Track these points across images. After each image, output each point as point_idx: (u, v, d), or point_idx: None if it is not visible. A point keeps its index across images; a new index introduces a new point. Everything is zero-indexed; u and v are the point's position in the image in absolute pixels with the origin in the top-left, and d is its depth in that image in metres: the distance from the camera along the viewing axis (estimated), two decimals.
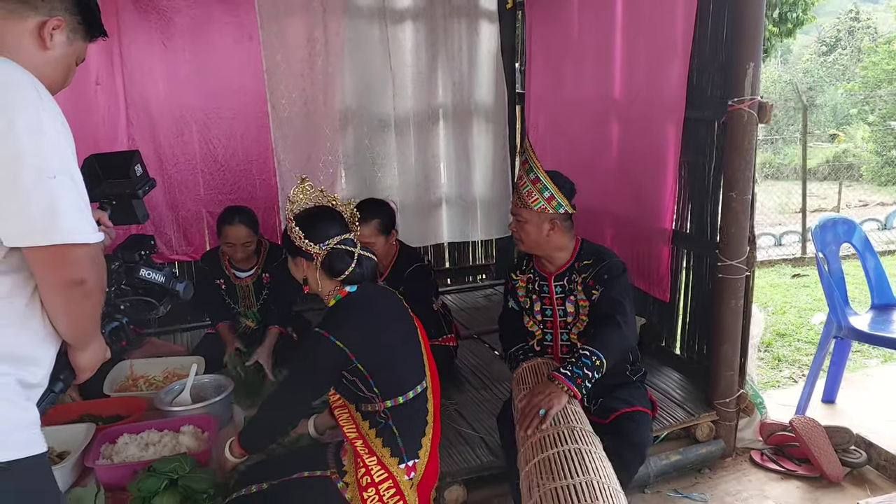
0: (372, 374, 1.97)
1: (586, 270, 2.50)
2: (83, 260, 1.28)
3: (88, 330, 1.42)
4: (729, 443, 2.92)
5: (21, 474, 1.28)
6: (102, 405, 2.81)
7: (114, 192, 1.76)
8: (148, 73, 3.75)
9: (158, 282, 1.71)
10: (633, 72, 3.40)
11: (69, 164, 1.27)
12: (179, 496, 2.20)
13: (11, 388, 1.28)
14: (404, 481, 2.00)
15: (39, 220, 1.21)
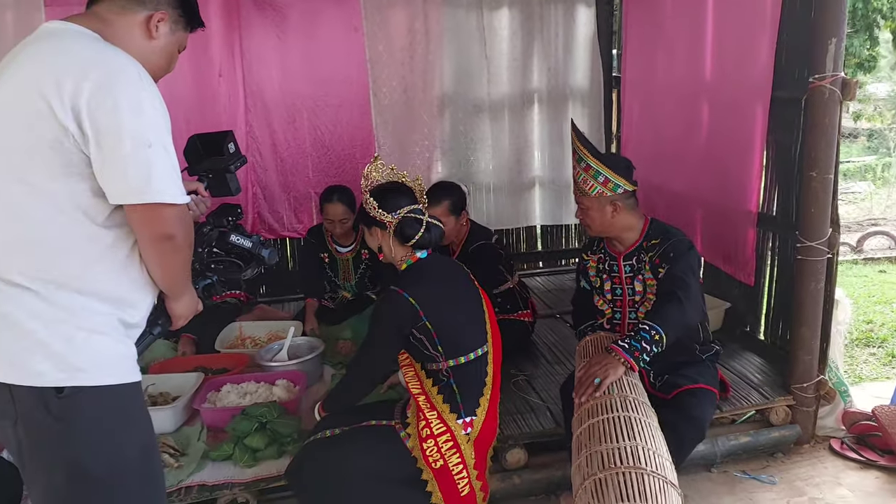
0: (438, 332, 2.15)
1: (653, 249, 2.53)
2: (172, 218, 1.48)
3: (179, 281, 1.65)
4: (806, 429, 2.86)
5: (119, 397, 1.54)
6: (213, 359, 3.20)
7: (211, 166, 2.00)
8: (264, 64, 4.12)
9: (246, 247, 1.95)
10: (722, 53, 3.35)
11: (163, 136, 1.47)
12: (267, 438, 2.51)
13: (113, 325, 1.53)
14: (461, 436, 2.17)
15: (136, 182, 1.42)
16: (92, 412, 1.50)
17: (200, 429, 2.65)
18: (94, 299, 1.49)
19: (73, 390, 1.46)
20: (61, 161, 1.41)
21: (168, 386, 2.88)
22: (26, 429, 1.48)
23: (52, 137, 1.39)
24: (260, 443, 2.48)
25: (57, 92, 1.38)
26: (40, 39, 1.50)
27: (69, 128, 1.39)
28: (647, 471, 1.94)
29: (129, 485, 1.56)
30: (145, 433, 1.64)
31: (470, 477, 2.15)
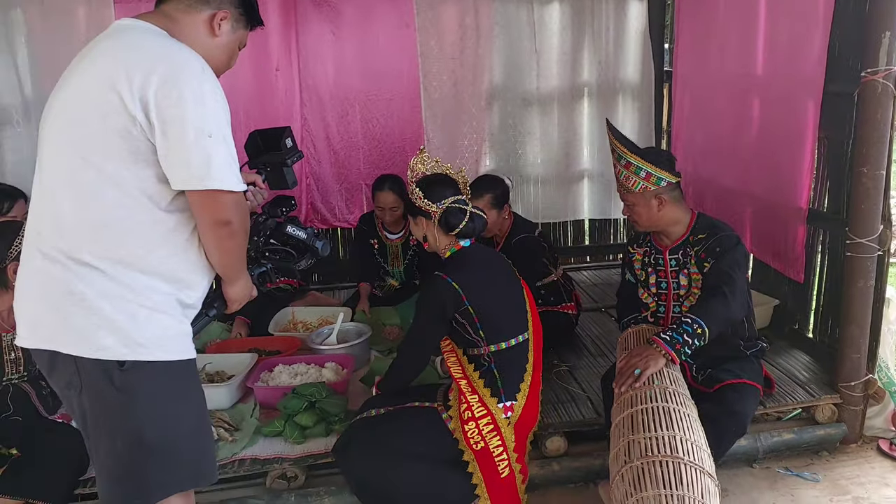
0: (480, 317, 2.24)
1: (700, 244, 2.53)
2: (230, 204, 1.58)
3: (235, 266, 1.75)
4: (853, 428, 2.82)
5: (176, 372, 1.66)
6: (266, 341, 3.34)
7: (269, 160, 2.09)
8: (319, 59, 4.25)
9: (301, 237, 2.05)
10: (774, 47, 3.31)
11: (223, 127, 1.56)
12: (316, 416, 2.62)
13: (172, 304, 1.64)
14: (502, 419, 2.24)
15: (197, 169, 1.52)
16: (151, 385, 1.61)
17: (253, 406, 2.79)
18: (156, 279, 1.60)
19: (134, 364, 1.58)
20: (130, 149, 1.52)
21: (224, 365, 3.03)
22: (90, 398, 1.60)
23: (122, 127, 1.50)
24: (309, 421, 2.59)
25: (127, 84, 1.48)
26: (113, 35, 1.62)
27: (138, 118, 1.49)
28: (684, 460, 1.97)
29: (184, 453, 1.68)
30: (199, 407, 1.75)
31: (510, 459, 2.22)
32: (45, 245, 1.58)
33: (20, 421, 2.41)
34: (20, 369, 2.46)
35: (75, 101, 1.56)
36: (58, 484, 2.30)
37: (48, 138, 1.61)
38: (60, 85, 1.62)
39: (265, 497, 2.43)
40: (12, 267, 2.33)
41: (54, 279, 1.56)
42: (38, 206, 1.62)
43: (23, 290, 1.64)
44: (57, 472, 2.31)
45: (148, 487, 1.64)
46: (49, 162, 1.60)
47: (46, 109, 1.64)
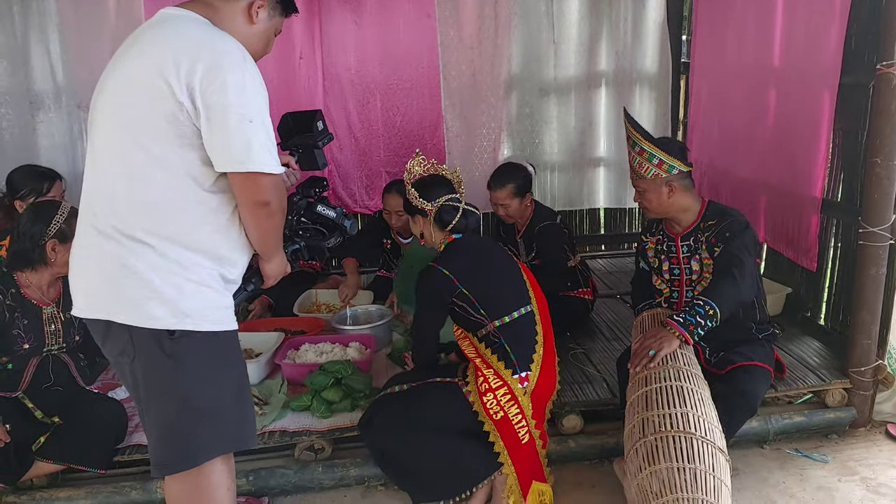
0: (477, 297, 2.40)
1: (710, 230, 2.60)
2: (268, 186, 1.66)
3: (272, 244, 1.84)
4: (863, 412, 2.89)
5: (220, 342, 1.76)
6: (292, 322, 3.45)
7: (301, 142, 2.18)
8: (341, 48, 4.32)
9: (330, 217, 2.15)
10: (791, 39, 3.36)
11: (263, 113, 1.65)
12: (342, 392, 2.73)
13: (215, 278, 1.75)
14: (518, 389, 2.35)
15: (238, 153, 1.60)
16: (197, 353, 1.72)
17: (281, 382, 2.90)
18: (200, 255, 1.70)
19: (182, 334, 1.68)
20: (176, 132, 1.60)
21: (252, 343, 3.14)
22: (142, 365, 1.71)
23: (170, 112, 1.59)
24: (335, 396, 2.70)
25: (175, 72, 1.57)
26: (160, 24, 1.71)
27: (184, 103, 1.58)
28: (696, 436, 2.06)
29: (227, 417, 1.79)
30: (241, 375, 1.86)
31: (529, 426, 2.33)
32: (99, 222, 1.67)
33: (61, 391, 2.53)
34: (59, 341, 2.57)
35: (125, 86, 1.65)
36: (98, 451, 2.42)
37: (99, 121, 1.70)
38: (110, 70, 1.71)
39: (294, 467, 2.54)
40: (51, 244, 2.44)
41: (108, 254, 1.66)
42: (92, 185, 1.71)
43: (78, 265, 1.74)
44: (97, 439, 2.43)
45: (194, 448, 1.74)
46: (101, 144, 1.69)
47: (96, 93, 1.73)
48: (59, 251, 2.44)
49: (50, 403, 2.46)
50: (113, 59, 1.74)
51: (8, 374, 2.47)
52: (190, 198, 1.67)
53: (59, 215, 2.46)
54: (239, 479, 2.47)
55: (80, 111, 4.05)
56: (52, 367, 2.54)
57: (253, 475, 2.49)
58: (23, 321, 2.46)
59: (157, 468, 1.80)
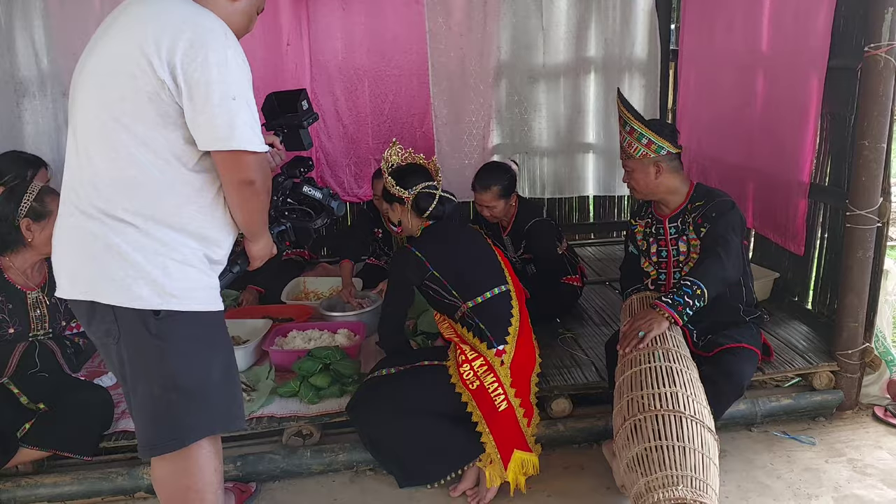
0: (448, 279, 2.45)
1: (697, 210, 2.61)
2: (252, 165, 1.65)
3: (257, 224, 1.83)
4: (850, 395, 2.91)
5: (206, 322, 1.76)
6: (279, 309, 3.43)
7: (285, 122, 2.15)
8: (329, 35, 4.29)
9: (317, 198, 2.12)
10: (779, 23, 3.36)
11: (246, 91, 1.63)
12: (330, 377, 2.72)
13: (200, 259, 1.74)
14: (495, 360, 2.37)
15: (222, 130, 1.59)
16: (183, 333, 1.71)
17: (269, 368, 2.88)
18: (185, 235, 1.69)
19: (168, 314, 1.68)
20: (158, 111, 1.59)
21: (240, 330, 3.13)
22: (128, 345, 1.70)
23: (151, 90, 1.57)
24: (323, 382, 2.69)
25: (156, 49, 1.55)
26: (141, 2, 1.68)
27: (166, 81, 1.56)
28: (685, 414, 2.07)
29: (214, 397, 1.78)
30: (227, 356, 1.86)
31: (507, 395, 2.34)
32: (82, 203, 1.66)
33: (46, 377, 2.50)
34: (45, 326, 2.55)
35: (106, 64, 1.63)
36: (84, 437, 2.41)
37: (80, 101, 1.68)
38: (91, 48, 1.69)
39: (282, 453, 2.53)
40: (25, 223, 2.41)
41: (92, 234, 1.65)
42: (74, 166, 1.69)
43: (62, 246, 1.72)
44: (83, 426, 2.41)
45: (182, 429, 1.74)
46: (83, 124, 1.67)
47: (77, 73, 1.71)
48: (35, 230, 2.43)
49: (36, 390, 2.43)
50: (93, 38, 1.72)
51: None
52: (174, 177, 1.66)
53: (29, 194, 2.44)
54: (227, 465, 2.46)
55: (64, 99, 4.00)
56: (38, 353, 2.52)
57: (241, 461, 2.48)
58: (7, 305, 2.44)
59: (143, 449, 1.79)
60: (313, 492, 2.48)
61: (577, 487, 2.48)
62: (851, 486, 2.46)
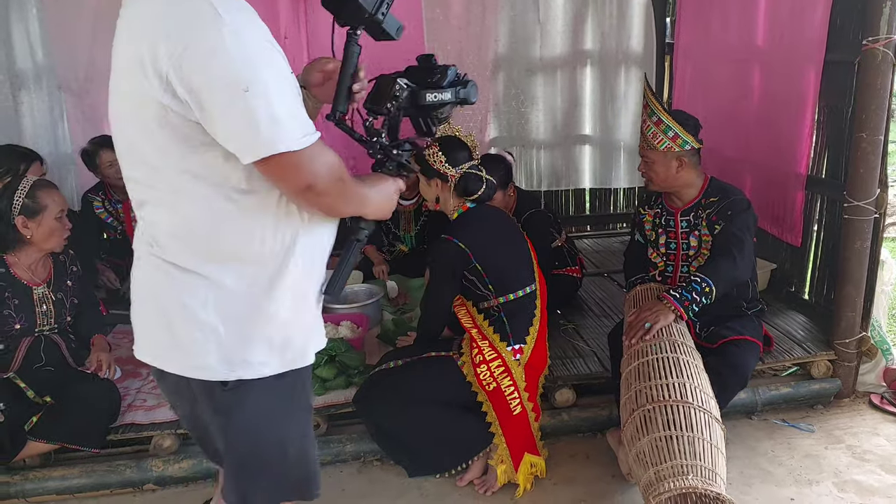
0: (487, 273, 2.37)
1: (711, 206, 2.62)
2: (299, 166, 1.25)
3: (352, 209, 1.44)
4: (847, 383, 2.96)
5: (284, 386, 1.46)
6: None
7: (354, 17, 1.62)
8: (327, 28, 4.24)
9: (445, 101, 1.64)
10: (776, 17, 3.40)
11: (260, 72, 1.22)
12: (336, 369, 2.73)
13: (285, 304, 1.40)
14: (512, 361, 2.36)
15: (245, 137, 1.23)
16: (254, 407, 1.44)
17: None
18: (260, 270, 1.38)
19: (238, 384, 1.40)
20: (177, 137, 1.28)
21: None
22: (196, 412, 1.52)
23: (156, 115, 1.26)
24: (329, 373, 2.70)
25: (141, 68, 1.23)
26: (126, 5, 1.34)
27: (162, 100, 1.23)
28: (693, 405, 2.09)
29: (286, 476, 1.56)
30: (306, 423, 1.60)
31: (521, 398, 2.35)
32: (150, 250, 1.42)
33: (52, 371, 2.50)
34: (51, 321, 2.54)
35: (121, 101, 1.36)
36: (92, 430, 2.41)
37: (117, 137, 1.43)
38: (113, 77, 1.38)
39: None
40: (20, 221, 2.40)
41: (157, 288, 1.41)
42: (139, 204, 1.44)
43: (134, 296, 1.49)
44: (90, 418, 2.41)
45: (252, 498, 1.57)
46: (128, 166, 1.42)
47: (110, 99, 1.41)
48: (32, 226, 2.41)
49: (42, 383, 2.44)
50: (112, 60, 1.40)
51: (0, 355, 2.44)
52: (224, 205, 1.34)
53: (21, 190, 2.42)
54: None
55: (60, 92, 3.98)
56: (43, 348, 2.51)
57: None
58: (13, 301, 2.43)
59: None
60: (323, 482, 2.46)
61: (583, 475, 2.51)
62: (851, 471, 2.51)
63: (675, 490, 1.83)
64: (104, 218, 3.69)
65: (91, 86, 3.97)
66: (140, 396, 2.68)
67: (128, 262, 3.69)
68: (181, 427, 2.51)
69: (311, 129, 1.30)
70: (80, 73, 3.94)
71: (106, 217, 3.69)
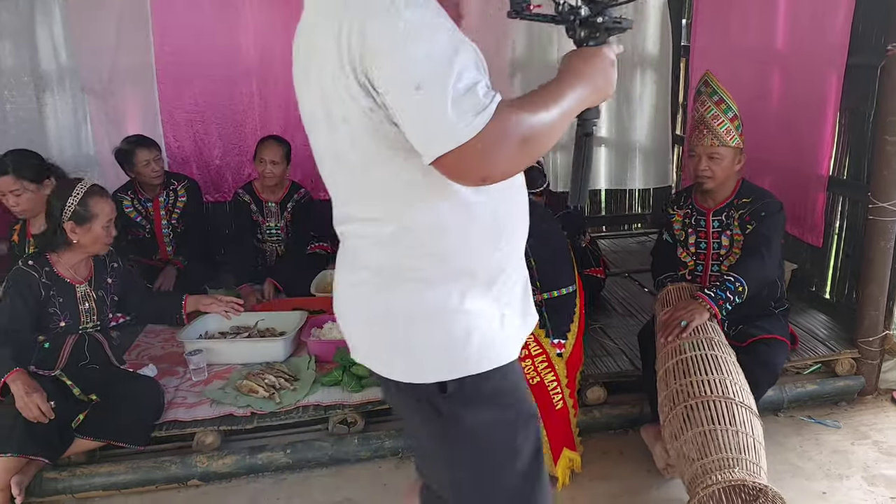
0: (538, 268, 2.43)
1: (744, 207, 2.68)
2: (473, 157, 1.08)
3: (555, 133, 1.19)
4: (870, 381, 3.01)
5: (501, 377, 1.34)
6: (310, 301, 3.47)
7: None
8: None
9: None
10: (796, 21, 3.45)
11: (437, 65, 1.06)
12: None
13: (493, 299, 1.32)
14: (554, 355, 2.42)
15: (422, 139, 1.10)
16: (476, 413, 1.30)
17: (309, 359, 2.93)
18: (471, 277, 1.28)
19: (458, 385, 1.27)
20: (389, 144, 1.16)
21: (274, 322, 3.18)
22: (414, 422, 1.40)
23: (369, 126, 1.15)
24: (365, 371, 2.73)
25: (338, 66, 1.12)
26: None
27: (361, 102, 1.12)
28: (735, 401, 2.14)
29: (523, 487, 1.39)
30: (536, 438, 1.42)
31: (563, 393, 2.41)
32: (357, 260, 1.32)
33: (97, 369, 2.54)
34: (94, 319, 2.57)
35: (315, 114, 1.24)
36: (136, 427, 2.45)
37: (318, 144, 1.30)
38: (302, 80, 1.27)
39: (329, 440, 2.58)
40: (69, 226, 2.43)
41: (368, 292, 1.30)
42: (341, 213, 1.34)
43: (338, 302, 1.41)
44: (136, 416, 2.45)
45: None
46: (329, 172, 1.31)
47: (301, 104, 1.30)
48: (79, 232, 2.44)
49: (87, 381, 2.48)
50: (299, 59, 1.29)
51: (45, 353, 2.47)
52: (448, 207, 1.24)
53: (74, 196, 2.44)
54: (277, 453, 2.52)
55: (83, 94, 4.02)
56: (87, 346, 2.55)
57: (290, 448, 2.53)
58: (58, 299, 2.46)
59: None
60: (364, 477, 2.53)
61: (618, 471, 2.56)
62: (879, 466, 2.56)
63: (723, 482, 1.88)
64: (133, 217, 3.73)
65: (114, 87, 4.01)
66: (179, 394, 2.72)
67: (156, 261, 3.76)
68: (222, 424, 2.55)
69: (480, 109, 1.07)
70: (103, 75, 3.98)
71: (135, 216, 3.73)
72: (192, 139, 4.26)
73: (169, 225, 3.81)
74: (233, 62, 4.18)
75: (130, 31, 3.95)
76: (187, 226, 3.85)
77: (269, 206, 3.88)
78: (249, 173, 4.29)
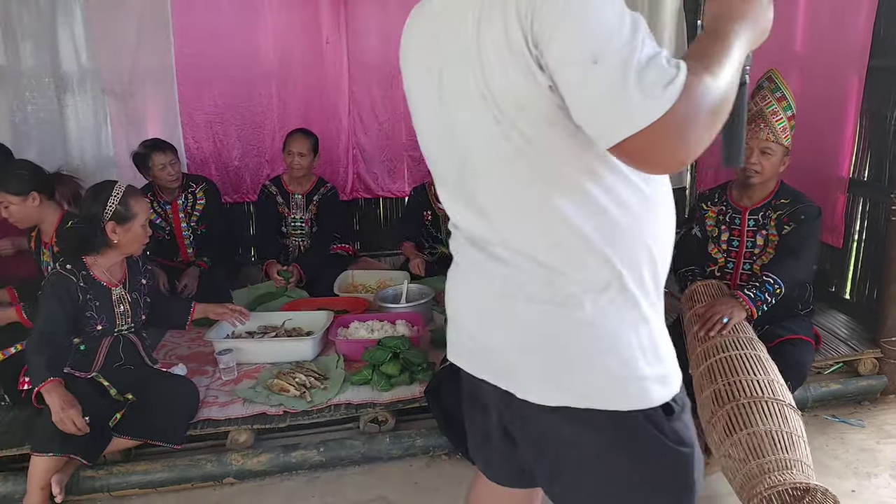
0: None
1: (783, 208, 2.71)
2: (661, 142, 0.92)
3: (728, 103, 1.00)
4: (893, 380, 3.03)
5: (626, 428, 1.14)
6: (334, 302, 3.50)
7: None
8: (366, 33, 4.34)
9: None
10: (815, 23, 3.48)
11: (615, 32, 0.91)
12: (401, 366, 2.79)
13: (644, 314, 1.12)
14: None
15: (596, 122, 0.94)
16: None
17: (337, 358, 2.95)
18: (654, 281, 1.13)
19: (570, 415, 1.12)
20: (566, 133, 1.01)
21: (300, 322, 3.21)
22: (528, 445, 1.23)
23: (548, 111, 1.00)
24: (394, 370, 2.76)
25: (515, 33, 0.96)
26: None
27: (539, 79, 0.97)
28: (784, 402, 2.14)
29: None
30: None
31: None
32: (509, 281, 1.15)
33: (132, 369, 2.56)
34: (129, 321, 2.59)
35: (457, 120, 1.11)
36: (171, 426, 2.47)
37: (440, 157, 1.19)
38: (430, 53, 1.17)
39: (361, 438, 2.60)
40: (110, 226, 2.45)
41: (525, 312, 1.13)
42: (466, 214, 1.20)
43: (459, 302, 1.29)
44: (172, 415, 2.47)
45: None
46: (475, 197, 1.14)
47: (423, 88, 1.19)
48: (120, 232, 2.46)
49: (122, 381, 2.50)
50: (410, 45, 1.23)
51: (81, 355, 2.49)
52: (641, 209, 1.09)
53: (114, 196, 2.46)
54: (310, 451, 2.54)
55: (104, 96, 4.04)
56: (122, 347, 2.57)
57: (323, 447, 2.55)
58: (95, 303, 2.48)
59: None
60: (395, 475, 2.55)
61: None
62: None
63: (786, 484, 1.84)
64: (153, 219, 3.74)
65: (134, 89, 4.04)
66: (211, 393, 2.74)
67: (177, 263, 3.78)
68: (256, 423, 2.57)
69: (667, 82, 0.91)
70: (123, 76, 4.01)
71: (155, 218, 3.74)
72: (211, 140, 4.29)
73: (189, 227, 3.83)
74: (252, 64, 4.20)
75: (151, 33, 3.97)
76: (209, 228, 3.86)
77: (296, 199, 3.94)
78: (268, 174, 4.31)
